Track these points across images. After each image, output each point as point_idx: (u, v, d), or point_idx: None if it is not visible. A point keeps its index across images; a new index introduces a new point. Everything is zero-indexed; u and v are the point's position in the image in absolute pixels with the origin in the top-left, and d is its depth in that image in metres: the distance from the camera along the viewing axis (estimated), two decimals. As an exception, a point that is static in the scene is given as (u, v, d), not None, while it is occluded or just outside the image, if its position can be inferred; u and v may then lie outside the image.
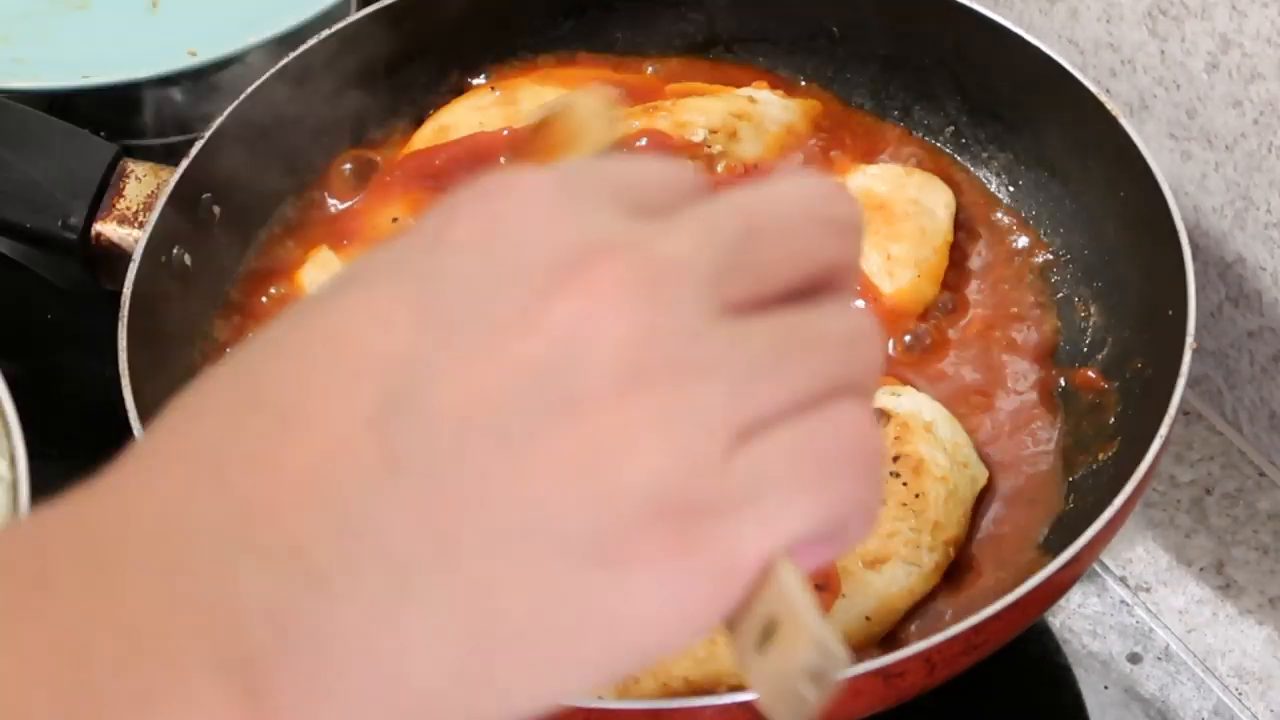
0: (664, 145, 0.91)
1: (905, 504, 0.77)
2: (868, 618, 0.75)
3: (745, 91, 0.96)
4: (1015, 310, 0.89)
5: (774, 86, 0.97)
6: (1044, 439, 0.84)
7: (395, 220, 0.89)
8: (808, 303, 0.40)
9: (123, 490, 0.38)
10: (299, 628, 0.35)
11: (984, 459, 0.82)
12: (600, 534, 0.36)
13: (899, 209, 0.88)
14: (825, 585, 0.75)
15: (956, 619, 0.69)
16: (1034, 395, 0.85)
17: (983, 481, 0.81)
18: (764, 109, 0.94)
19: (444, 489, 0.36)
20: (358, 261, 0.41)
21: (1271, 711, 0.86)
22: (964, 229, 0.92)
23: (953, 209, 0.90)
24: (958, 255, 0.90)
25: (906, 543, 0.76)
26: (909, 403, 0.81)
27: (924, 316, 0.87)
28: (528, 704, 0.38)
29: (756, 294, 0.39)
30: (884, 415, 0.79)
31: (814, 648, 0.37)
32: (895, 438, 0.79)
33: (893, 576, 0.76)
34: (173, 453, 0.38)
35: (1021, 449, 0.83)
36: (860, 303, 0.44)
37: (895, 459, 0.78)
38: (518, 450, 0.36)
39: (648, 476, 0.36)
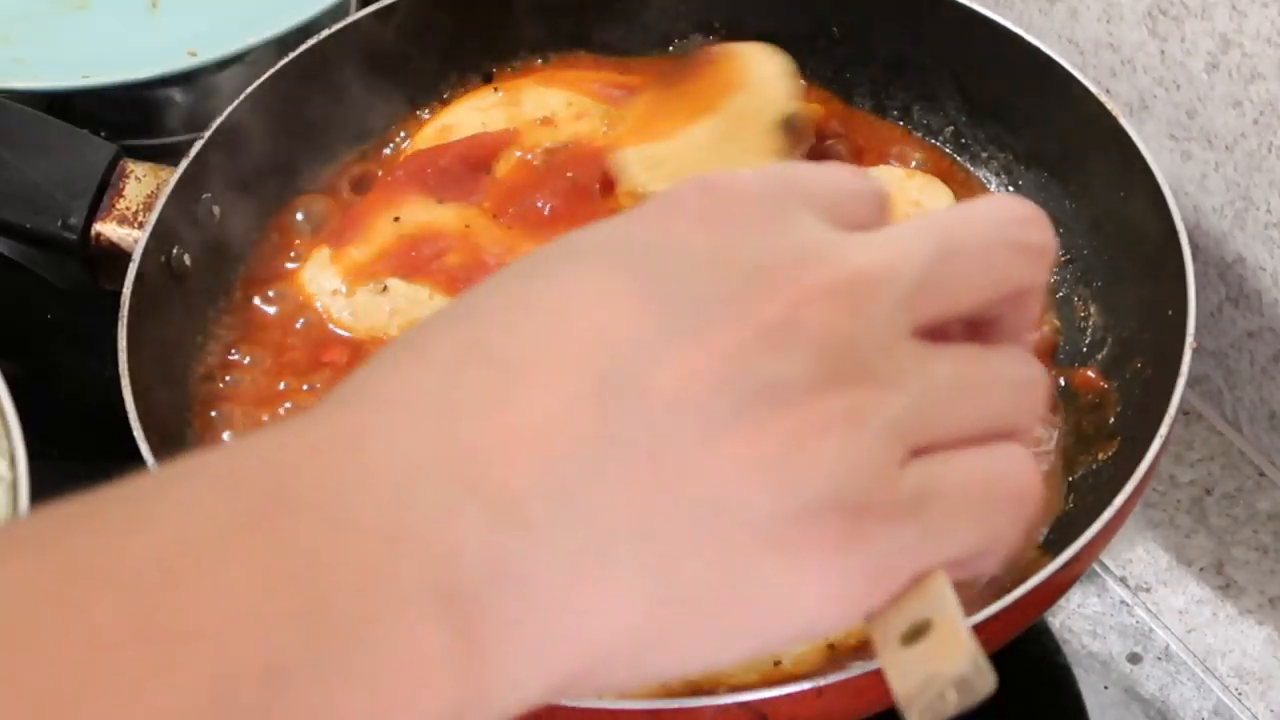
0: None
1: None
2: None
3: None
4: None
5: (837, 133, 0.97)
6: (1044, 439, 0.83)
7: (397, 220, 0.89)
8: (990, 337, 0.44)
9: (354, 425, 0.40)
10: (508, 572, 0.38)
11: None
12: (779, 518, 0.39)
13: (900, 212, 0.88)
14: None
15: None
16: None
17: None
18: None
19: (650, 463, 0.39)
20: (578, 234, 0.44)
21: (1271, 711, 0.86)
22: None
23: None
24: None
25: None
26: None
27: None
28: (689, 665, 0.42)
29: (948, 313, 0.43)
30: None
31: (969, 660, 0.41)
32: None
33: None
34: (399, 394, 0.40)
35: None
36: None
37: None
38: (718, 433, 0.39)
39: (830, 471, 0.40)
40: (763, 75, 0.85)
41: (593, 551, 0.39)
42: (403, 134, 0.97)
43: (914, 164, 0.95)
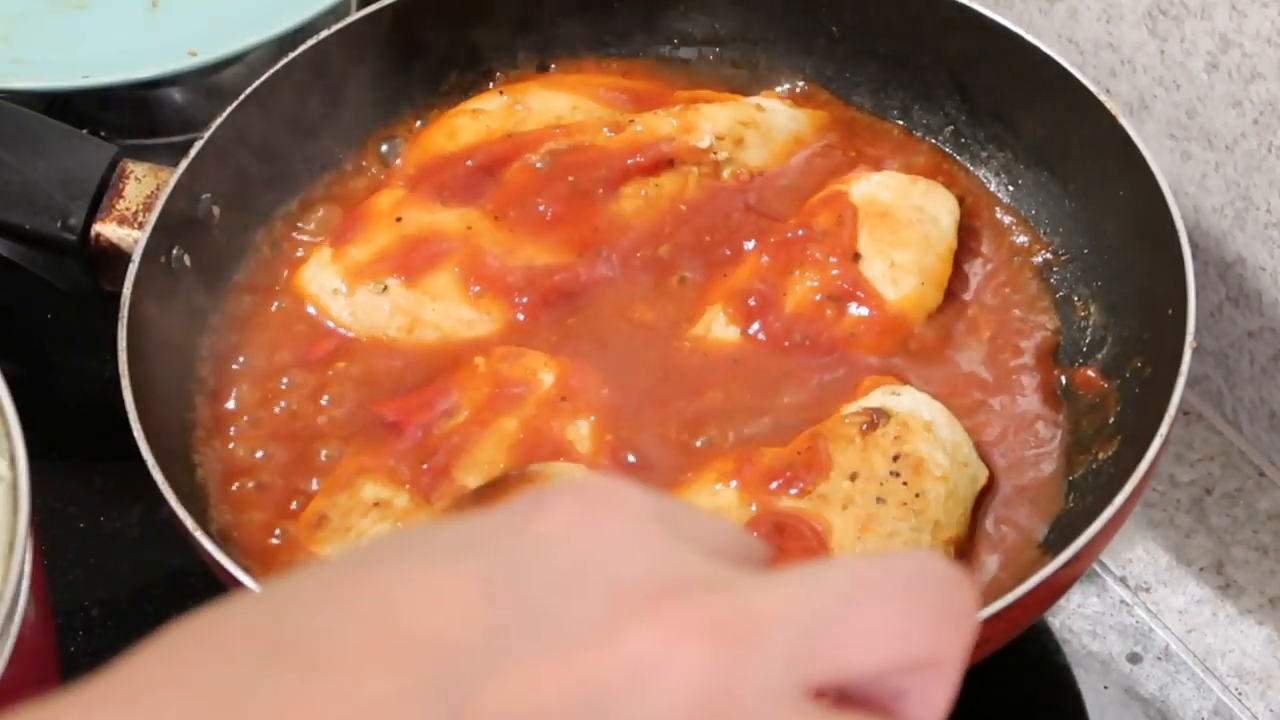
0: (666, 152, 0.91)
1: (905, 504, 0.77)
2: None
3: (753, 100, 0.96)
4: (1015, 309, 0.89)
5: (781, 96, 0.97)
6: (1046, 439, 0.84)
7: (399, 220, 0.89)
8: (884, 715, 0.38)
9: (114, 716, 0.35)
10: None
11: (985, 459, 0.82)
12: None
13: (903, 216, 0.88)
14: None
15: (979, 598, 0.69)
16: (1035, 395, 0.85)
17: (983, 481, 0.81)
18: (771, 118, 0.94)
19: None
20: (430, 527, 0.41)
21: (1271, 711, 0.86)
22: (964, 228, 0.91)
23: (956, 216, 0.90)
24: (958, 254, 0.90)
25: (906, 542, 0.76)
26: (909, 402, 0.81)
27: (926, 317, 0.87)
28: None
29: (844, 673, 0.37)
30: (883, 415, 0.79)
31: None
32: (895, 437, 0.79)
33: None
34: (177, 693, 0.35)
35: (1023, 448, 0.83)
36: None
37: (895, 458, 0.78)
38: None
39: None
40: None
41: None
42: (401, 134, 0.97)
43: (917, 170, 0.95)
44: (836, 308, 0.85)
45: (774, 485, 0.77)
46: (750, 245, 0.89)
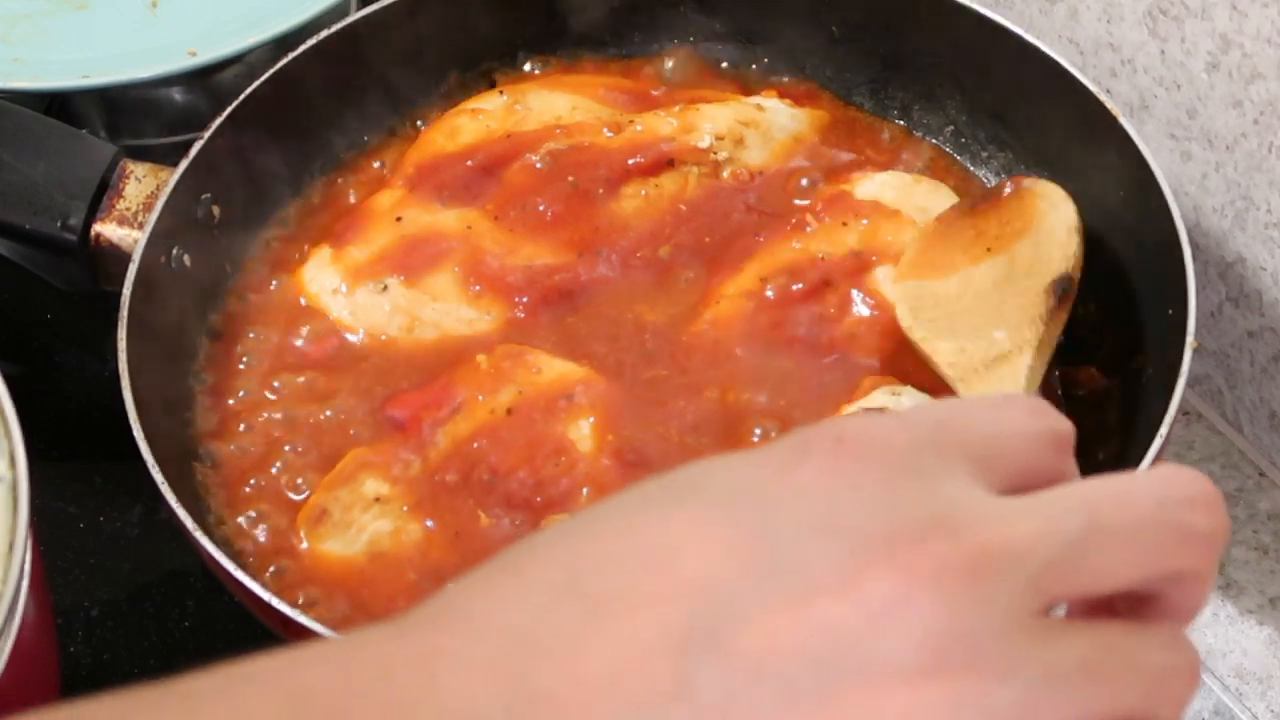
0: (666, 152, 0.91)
1: None
2: None
3: (753, 100, 0.96)
4: None
5: (782, 95, 0.97)
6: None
7: (399, 220, 0.89)
8: (1138, 616, 0.41)
9: (432, 647, 0.39)
10: None
11: None
12: None
13: (906, 216, 0.88)
14: None
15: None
16: (1036, 394, 0.85)
17: None
18: (771, 117, 0.94)
19: None
20: (700, 469, 0.42)
21: (1271, 711, 0.86)
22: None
23: None
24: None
25: None
26: (909, 402, 0.81)
27: None
28: None
29: (1087, 592, 0.39)
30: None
31: None
32: None
33: None
34: (483, 619, 0.39)
35: None
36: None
37: None
38: (800, 708, 0.37)
39: None
40: (1051, 226, 0.82)
41: None
42: (401, 134, 0.97)
43: (919, 168, 0.95)
44: (838, 308, 0.85)
45: None
46: (751, 245, 0.89)
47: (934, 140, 0.97)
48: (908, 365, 0.85)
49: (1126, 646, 0.40)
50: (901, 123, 0.98)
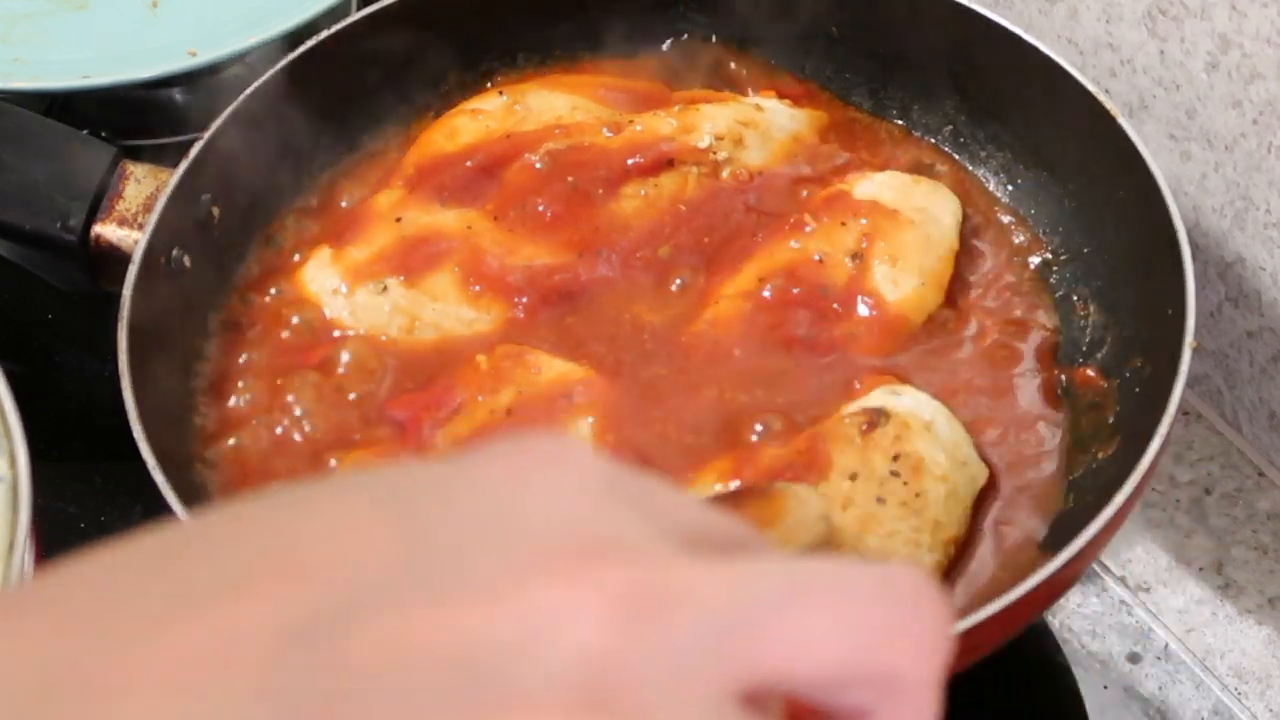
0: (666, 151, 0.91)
1: (905, 503, 0.77)
2: None
3: (753, 100, 0.96)
4: (1015, 308, 0.89)
5: (781, 95, 0.97)
6: (1046, 438, 0.84)
7: (399, 220, 0.89)
8: None
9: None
10: None
11: (985, 459, 0.82)
12: None
13: (905, 216, 0.88)
14: None
15: (957, 619, 0.69)
16: (1036, 394, 0.85)
17: (982, 480, 0.81)
18: (771, 117, 0.94)
19: None
20: (363, 471, 0.37)
21: (1271, 711, 0.86)
22: (963, 227, 0.92)
23: (959, 217, 0.90)
24: (957, 254, 0.90)
25: (907, 542, 0.76)
26: (909, 402, 0.81)
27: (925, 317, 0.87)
28: None
29: (781, 675, 0.33)
30: (883, 415, 0.79)
31: None
32: (895, 437, 0.79)
33: None
34: (58, 601, 0.34)
35: (1024, 448, 0.83)
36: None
37: (895, 458, 0.78)
38: None
39: None
40: (799, 519, 0.79)
41: None
42: (400, 135, 0.97)
43: (923, 166, 0.95)
44: (837, 308, 0.85)
45: None
46: (750, 245, 0.89)
47: (933, 140, 0.97)
48: (907, 365, 0.85)
49: None
50: (900, 122, 0.98)
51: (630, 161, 0.90)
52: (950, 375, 0.85)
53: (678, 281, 0.89)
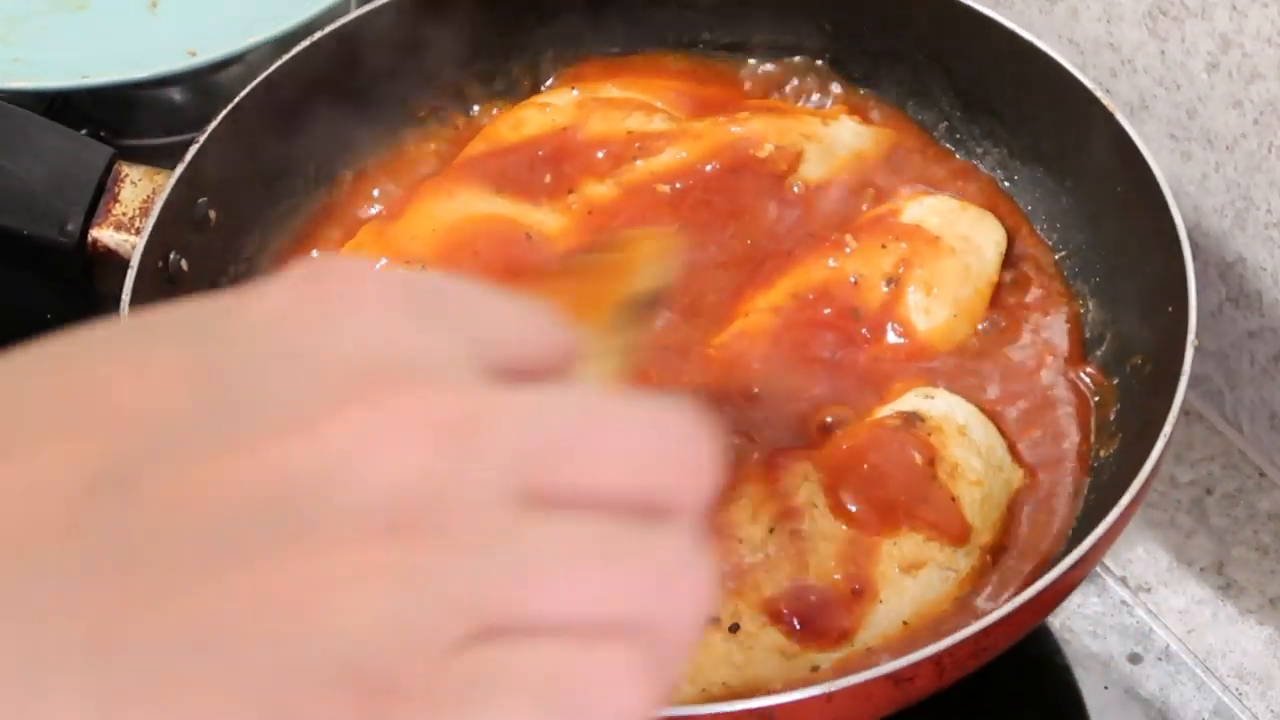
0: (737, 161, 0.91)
1: None
2: (905, 622, 0.75)
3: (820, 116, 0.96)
4: (1017, 306, 0.89)
5: (851, 112, 0.97)
6: (1066, 434, 0.83)
7: (450, 206, 0.89)
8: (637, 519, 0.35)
9: None
10: None
11: (1020, 460, 0.82)
12: (272, 683, 0.31)
13: (946, 244, 0.87)
14: (863, 590, 0.75)
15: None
16: (1054, 393, 0.85)
17: (1018, 483, 0.80)
18: (835, 133, 0.94)
19: (124, 575, 0.31)
20: (153, 311, 0.36)
21: (1271, 711, 0.86)
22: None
23: (1002, 248, 0.89)
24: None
25: (942, 548, 0.76)
26: (942, 405, 0.80)
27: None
28: None
29: (573, 486, 0.34)
30: (917, 419, 0.79)
31: None
32: (929, 442, 0.78)
33: (928, 582, 0.75)
34: None
35: (1050, 448, 0.83)
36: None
37: (930, 463, 0.77)
38: (222, 564, 0.31)
39: (352, 637, 0.31)
40: (640, 261, 0.78)
41: (17, 659, 0.31)
42: (400, 135, 0.97)
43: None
44: (866, 333, 0.84)
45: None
46: (788, 260, 0.88)
47: (930, 136, 0.97)
48: (939, 369, 0.85)
49: (628, 535, 0.34)
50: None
51: (686, 166, 0.90)
52: (968, 378, 0.85)
53: (713, 290, 0.88)
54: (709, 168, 0.90)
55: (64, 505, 0.31)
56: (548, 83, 1.00)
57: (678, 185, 0.90)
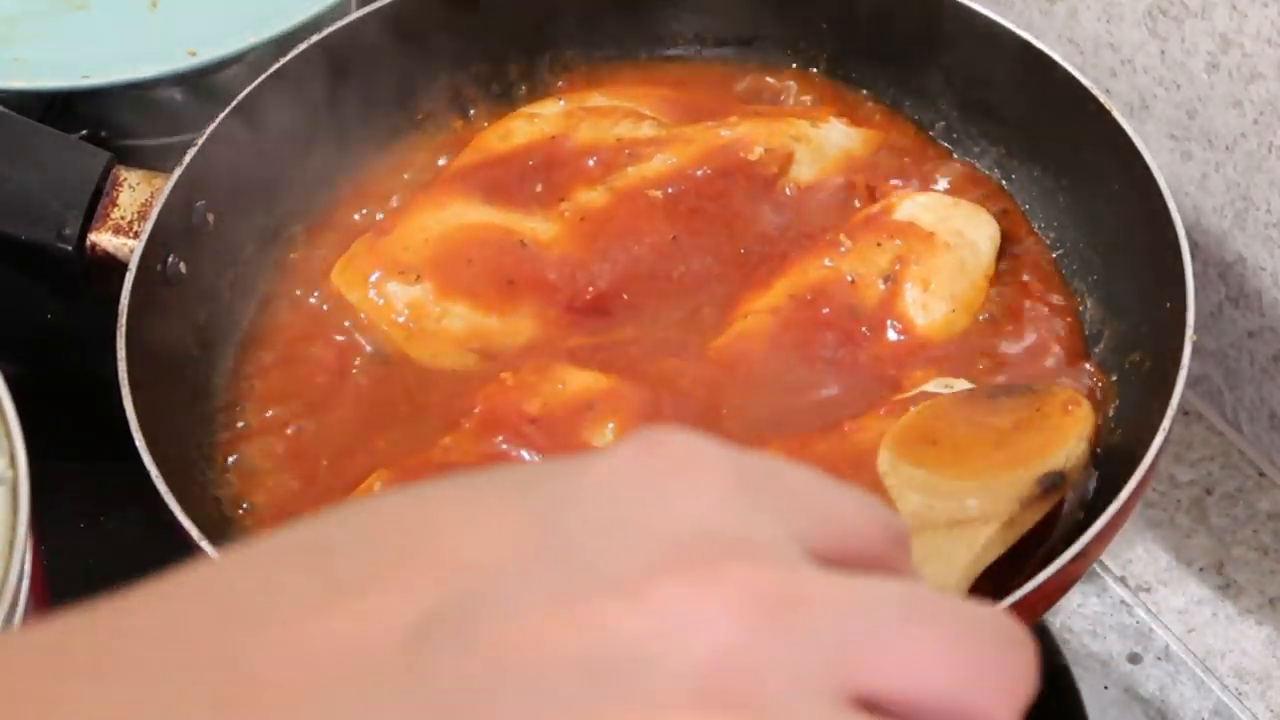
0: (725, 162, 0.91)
1: None
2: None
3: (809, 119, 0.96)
4: (1015, 304, 0.89)
5: (848, 112, 0.97)
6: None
7: (441, 218, 0.89)
8: None
9: (140, 626, 0.35)
10: None
11: None
12: None
13: (941, 240, 0.87)
14: None
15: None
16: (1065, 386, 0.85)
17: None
18: (825, 134, 0.94)
19: (450, 717, 0.32)
20: (489, 470, 0.37)
21: (1271, 711, 0.86)
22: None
23: (996, 242, 0.89)
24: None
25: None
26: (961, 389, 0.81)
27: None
28: None
29: (887, 688, 0.34)
30: None
31: None
32: None
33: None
34: (203, 593, 0.35)
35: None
36: None
37: None
38: (550, 716, 0.32)
39: None
40: (1064, 429, 0.77)
41: None
42: (399, 136, 0.97)
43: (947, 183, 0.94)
44: (865, 332, 0.84)
45: None
46: (784, 261, 0.88)
47: (929, 134, 0.97)
48: (943, 357, 0.85)
49: None
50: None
51: (676, 172, 0.90)
52: (974, 374, 0.85)
53: (710, 294, 0.88)
54: (700, 172, 0.90)
55: (399, 645, 0.32)
56: (548, 85, 1.00)
57: (670, 190, 0.90)
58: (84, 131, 1.02)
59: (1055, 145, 0.92)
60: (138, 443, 0.76)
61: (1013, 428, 0.78)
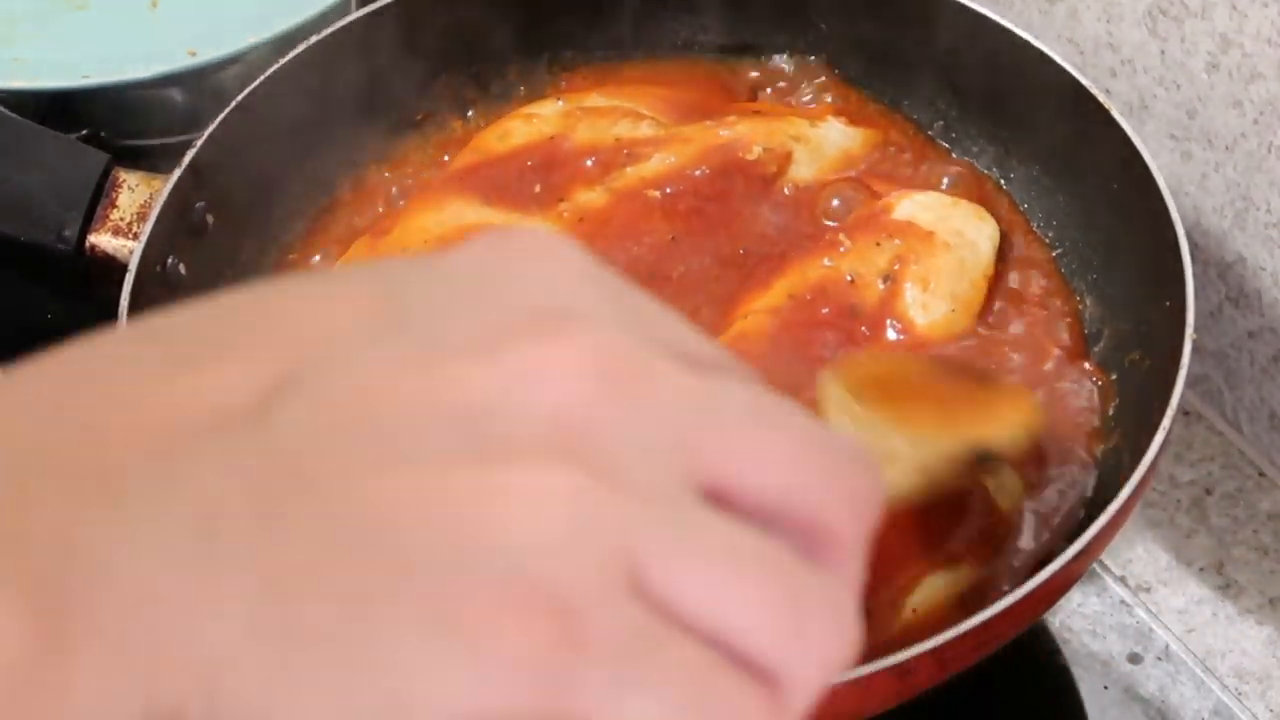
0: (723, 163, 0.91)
1: None
2: (914, 610, 0.75)
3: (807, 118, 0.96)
4: (1014, 303, 0.89)
5: (846, 111, 0.97)
6: (1065, 429, 0.83)
7: (440, 219, 0.89)
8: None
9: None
10: (89, 552, 0.31)
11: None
12: (441, 578, 0.31)
13: (940, 239, 0.87)
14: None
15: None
16: (1052, 389, 0.85)
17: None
18: (824, 133, 0.94)
19: (295, 465, 0.32)
20: (341, 266, 0.39)
21: (1271, 711, 0.86)
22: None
23: (996, 241, 0.89)
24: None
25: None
26: None
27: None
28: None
29: (733, 477, 0.34)
30: None
31: None
32: None
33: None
34: (56, 368, 0.35)
35: (1049, 444, 0.83)
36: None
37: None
38: (399, 466, 0.32)
39: (528, 545, 0.31)
40: (1010, 420, 0.76)
41: (190, 535, 0.31)
42: (399, 136, 0.97)
43: (946, 182, 0.94)
44: (865, 331, 0.84)
45: None
46: (783, 261, 0.88)
47: (927, 135, 0.97)
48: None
49: (783, 561, 0.33)
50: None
51: (676, 171, 0.90)
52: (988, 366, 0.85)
53: (710, 293, 0.88)
54: (698, 172, 0.90)
55: (247, 405, 0.33)
56: (547, 85, 1.00)
57: (668, 190, 0.90)
58: (84, 132, 1.03)
59: (1055, 145, 0.92)
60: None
61: (959, 400, 0.78)
